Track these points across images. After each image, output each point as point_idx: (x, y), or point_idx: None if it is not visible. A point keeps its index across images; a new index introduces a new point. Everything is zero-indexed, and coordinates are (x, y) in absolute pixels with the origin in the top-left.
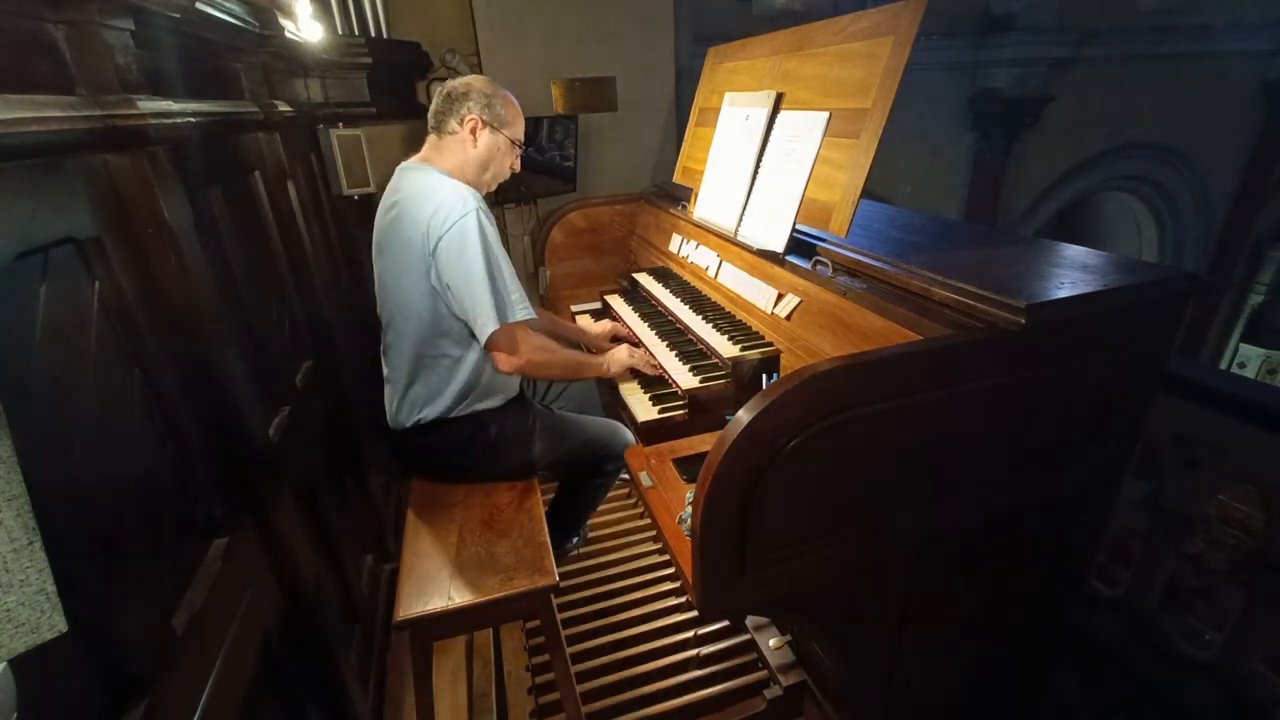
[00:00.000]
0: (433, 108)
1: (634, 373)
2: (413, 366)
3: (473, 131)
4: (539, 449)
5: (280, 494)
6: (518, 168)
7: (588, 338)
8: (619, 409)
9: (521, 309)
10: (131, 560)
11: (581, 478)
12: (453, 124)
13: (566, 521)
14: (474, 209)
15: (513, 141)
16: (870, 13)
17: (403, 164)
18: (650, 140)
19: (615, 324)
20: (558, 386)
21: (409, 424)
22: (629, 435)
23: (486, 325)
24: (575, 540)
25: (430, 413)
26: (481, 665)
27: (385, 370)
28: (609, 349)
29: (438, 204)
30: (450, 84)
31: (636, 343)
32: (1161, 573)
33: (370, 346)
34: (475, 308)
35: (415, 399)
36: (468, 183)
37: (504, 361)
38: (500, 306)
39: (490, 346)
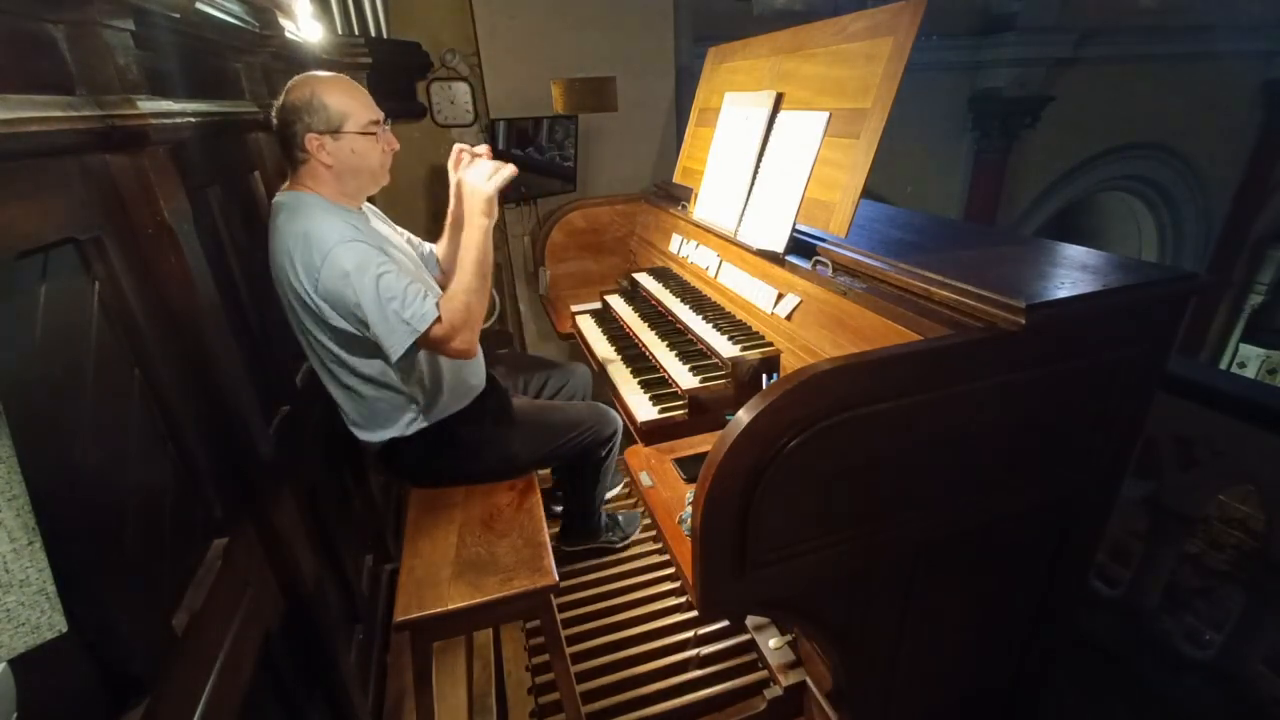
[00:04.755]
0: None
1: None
2: (340, 395)
3: (318, 149)
4: (519, 444)
5: (280, 494)
6: (395, 144)
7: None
8: (618, 409)
9: (425, 314)
10: (131, 560)
11: (575, 467)
12: (298, 153)
13: (575, 513)
14: (335, 242)
15: (362, 131)
16: (870, 13)
17: (278, 196)
18: (650, 140)
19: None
20: (552, 385)
21: (376, 445)
22: (615, 416)
23: (396, 349)
24: (601, 521)
25: (383, 434)
26: (481, 665)
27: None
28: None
29: (304, 247)
30: (274, 111)
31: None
32: (1161, 573)
33: None
34: (377, 335)
35: (361, 423)
36: (348, 197)
37: (445, 354)
38: (406, 320)
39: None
